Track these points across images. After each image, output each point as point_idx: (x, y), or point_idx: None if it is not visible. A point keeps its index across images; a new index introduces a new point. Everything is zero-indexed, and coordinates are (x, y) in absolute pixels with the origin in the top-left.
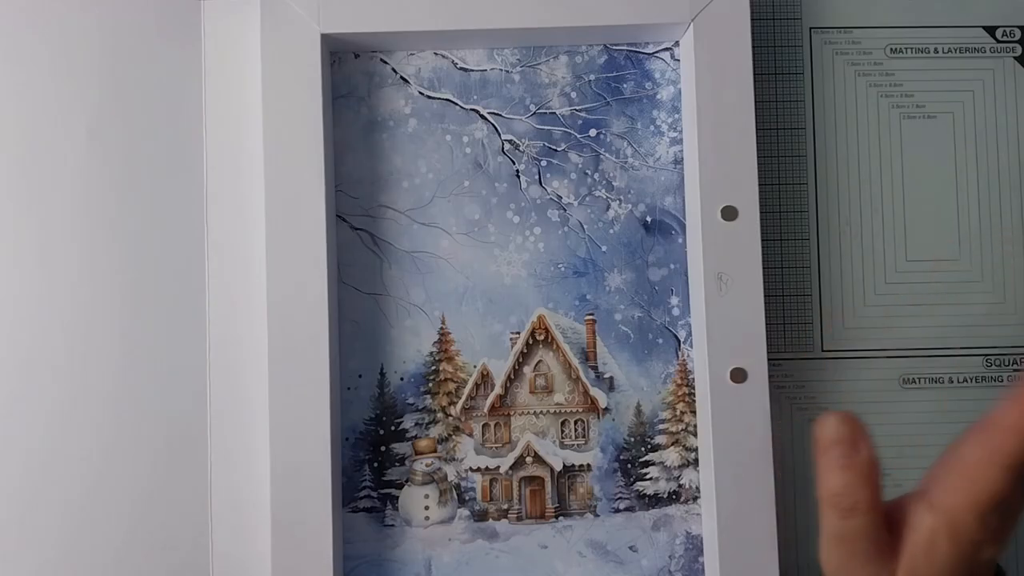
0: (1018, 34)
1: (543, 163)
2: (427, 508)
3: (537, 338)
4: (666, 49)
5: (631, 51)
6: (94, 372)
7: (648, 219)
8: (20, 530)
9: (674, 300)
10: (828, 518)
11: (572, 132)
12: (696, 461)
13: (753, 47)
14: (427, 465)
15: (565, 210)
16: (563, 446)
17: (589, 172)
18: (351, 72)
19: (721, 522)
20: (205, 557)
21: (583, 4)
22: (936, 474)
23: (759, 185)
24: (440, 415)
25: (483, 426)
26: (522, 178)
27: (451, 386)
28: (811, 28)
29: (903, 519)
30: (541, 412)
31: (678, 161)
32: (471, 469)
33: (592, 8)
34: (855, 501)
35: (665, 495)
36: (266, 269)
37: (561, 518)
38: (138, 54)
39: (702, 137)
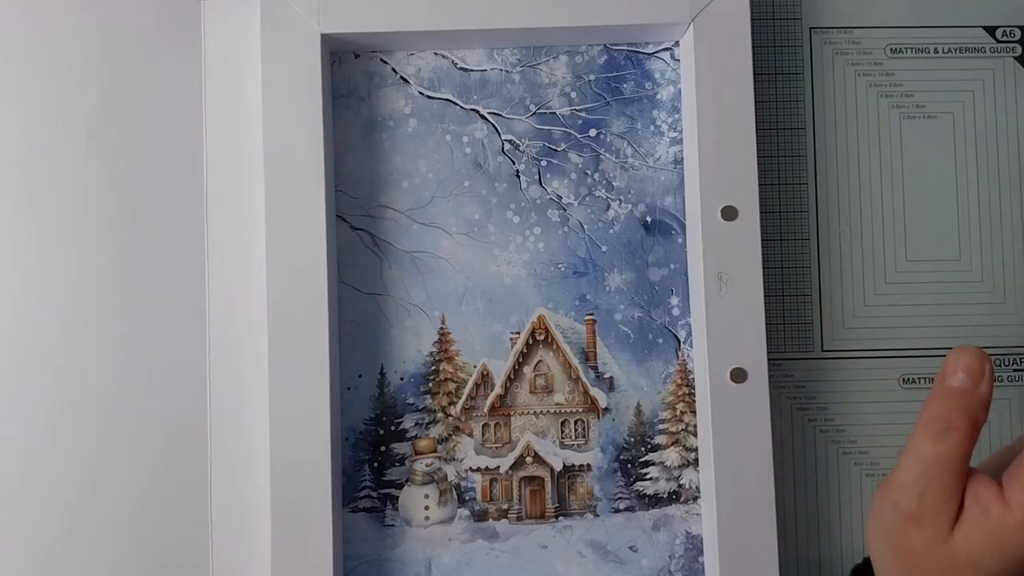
0: (1018, 34)
1: (543, 163)
2: (427, 508)
3: (537, 338)
4: (666, 49)
5: (631, 51)
6: (94, 372)
7: (648, 219)
8: (20, 530)
9: (674, 300)
10: (916, 439)
11: (572, 132)
12: (696, 461)
13: (753, 47)
14: (427, 465)
15: (565, 210)
16: (563, 446)
17: (589, 172)
18: (351, 72)
19: (721, 522)
20: (205, 557)
21: (583, 4)
22: None
23: (759, 185)
24: (440, 415)
25: (483, 426)
26: (522, 178)
27: (451, 386)
28: (811, 28)
29: (980, 490)
30: (541, 412)
31: (678, 161)
32: (471, 469)
33: (592, 8)
34: (951, 426)
35: (665, 495)
36: (266, 269)
37: (561, 518)
38: (138, 54)
39: (702, 137)
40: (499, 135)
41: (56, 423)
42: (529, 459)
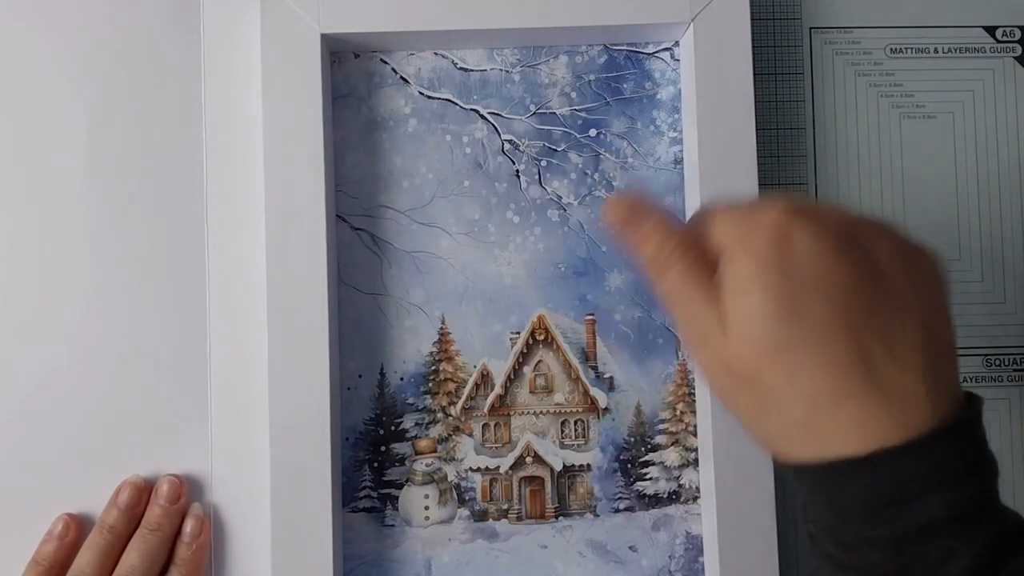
0: (1018, 34)
1: (543, 163)
2: (427, 508)
3: (537, 338)
4: (666, 49)
5: (631, 51)
6: (95, 373)
7: None
8: (21, 553)
9: None
10: (659, 284)
11: (572, 132)
12: (696, 461)
13: (753, 47)
14: (427, 465)
15: (565, 210)
16: (563, 446)
17: (589, 172)
18: (351, 72)
19: (721, 522)
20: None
21: (583, 4)
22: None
23: (759, 185)
24: (440, 415)
25: (483, 426)
26: (522, 178)
27: (451, 386)
28: (811, 28)
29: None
30: (541, 412)
31: (678, 161)
32: (471, 469)
33: (592, 8)
34: (662, 261)
35: (665, 495)
36: (266, 269)
37: (561, 518)
38: (138, 54)
39: (702, 137)
40: (499, 135)
41: (56, 426)
42: (529, 459)
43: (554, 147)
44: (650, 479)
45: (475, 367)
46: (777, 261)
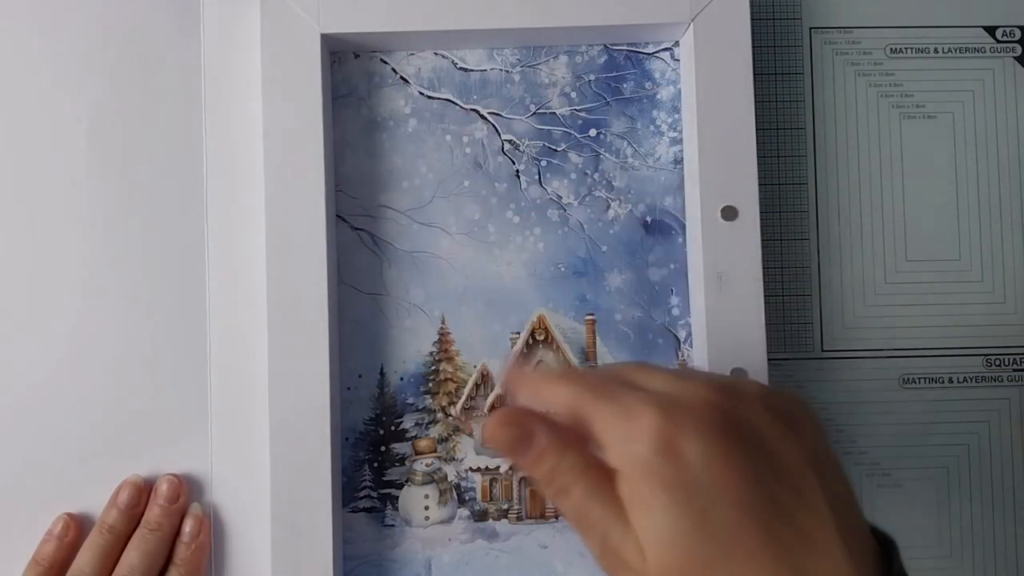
0: (1018, 34)
1: (543, 163)
2: (427, 508)
3: (537, 338)
4: (666, 49)
5: (631, 51)
6: (95, 372)
7: (648, 219)
8: (21, 553)
9: (674, 300)
10: (558, 506)
11: (572, 132)
12: None
13: (753, 47)
14: (427, 465)
15: (565, 210)
16: None
17: (589, 172)
18: (351, 72)
19: None
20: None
21: (583, 4)
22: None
23: (759, 185)
24: (440, 415)
25: (483, 426)
26: (522, 178)
27: (451, 386)
28: (811, 28)
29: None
30: None
31: (678, 161)
32: (471, 469)
33: (592, 8)
34: (558, 483)
35: None
36: (266, 269)
37: (561, 518)
38: (138, 54)
39: (702, 137)
40: (499, 135)
41: (56, 427)
42: None
43: (554, 147)
44: None
45: (475, 367)
46: (670, 474)
